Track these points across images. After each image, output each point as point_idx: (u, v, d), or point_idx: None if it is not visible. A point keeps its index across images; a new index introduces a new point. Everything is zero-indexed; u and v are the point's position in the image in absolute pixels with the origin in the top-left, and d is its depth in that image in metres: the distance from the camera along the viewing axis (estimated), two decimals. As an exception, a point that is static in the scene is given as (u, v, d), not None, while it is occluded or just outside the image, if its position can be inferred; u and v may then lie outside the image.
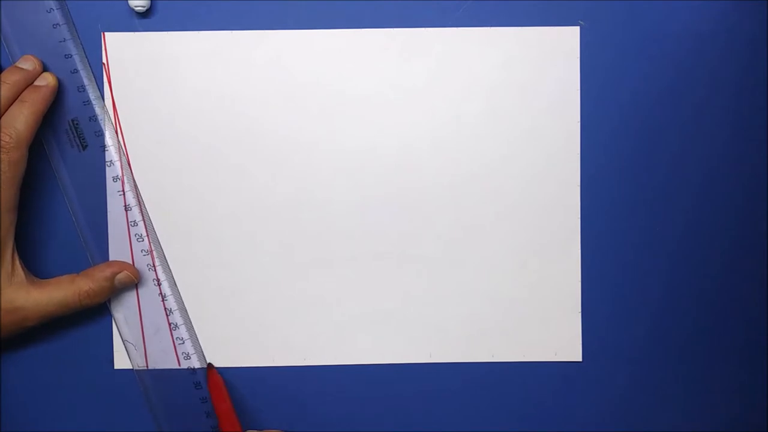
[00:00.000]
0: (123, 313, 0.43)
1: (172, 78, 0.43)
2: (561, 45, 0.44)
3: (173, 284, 0.44)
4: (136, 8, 0.43)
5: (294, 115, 0.44)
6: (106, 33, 0.43)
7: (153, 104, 0.43)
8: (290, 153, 0.44)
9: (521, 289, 0.44)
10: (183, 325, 0.43)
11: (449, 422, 0.44)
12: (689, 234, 0.44)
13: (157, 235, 0.43)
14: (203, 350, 0.44)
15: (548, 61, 0.44)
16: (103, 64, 0.43)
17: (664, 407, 0.45)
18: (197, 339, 0.44)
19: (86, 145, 0.42)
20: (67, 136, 0.42)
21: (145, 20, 0.43)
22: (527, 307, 0.44)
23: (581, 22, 0.44)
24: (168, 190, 0.44)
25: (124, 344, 0.43)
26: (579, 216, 0.44)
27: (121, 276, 0.42)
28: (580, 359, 0.44)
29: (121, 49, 0.43)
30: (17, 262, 0.40)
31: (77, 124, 0.42)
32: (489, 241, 0.44)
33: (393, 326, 0.44)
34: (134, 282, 0.43)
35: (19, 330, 0.41)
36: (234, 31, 0.43)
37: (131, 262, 0.43)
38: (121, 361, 0.44)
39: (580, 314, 0.44)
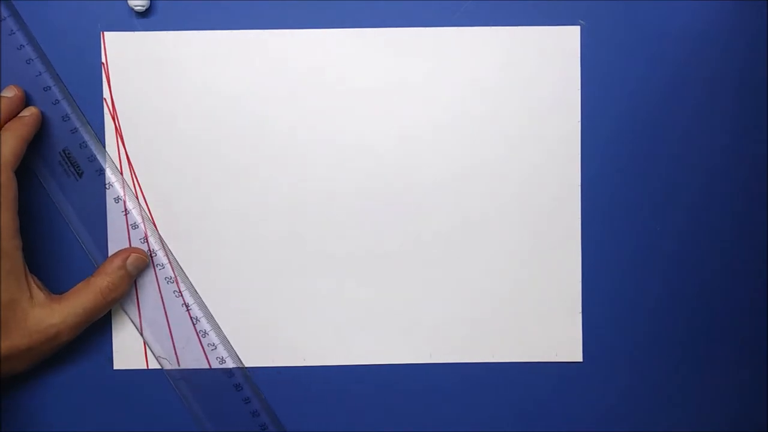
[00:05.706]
0: (150, 329, 0.43)
1: (172, 77, 0.43)
2: (561, 45, 0.44)
3: (194, 292, 0.44)
4: (136, 8, 0.43)
5: (294, 115, 0.44)
6: (105, 33, 0.43)
7: (152, 104, 0.43)
8: (290, 153, 0.44)
9: (521, 289, 0.44)
10: (212, 331, 0.43)
11: (449, 422, 0.44)
12: (689, 234, 0.44)
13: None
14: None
15: (548, 61, 0.44)
16: (102, 63, 0.43)
17: (664, 407, 0.45)
18: (228, 341, 0.44)
19: (82, 173, 0.42)
20: (61, 167, 0.42)
21: (144, 20, 0.43)
22: (527, 307, 0.44)
23: (581, 22, 0.44)
24: (167, 189, 0.43)
25: (157, 360, 0.43)
26: (579, 216, 0.44)
27: (131, 259, 0.42)
28: (580, 359, 0.44)
29: (121, 48, 0.43)
30: (33, 284, 0.40)
31: (69, 153, 0.42)
32: (489, 240, 0.44)
33: (393, 326, 0.44)
34: (146, 262, 0.42)
35: (56, 348, 0.41)
36: (234, 31, 0.43)
37: (156, 285, 0.43)
38: (121, 361, 0.44)
39: (580, 314, 0.44)
